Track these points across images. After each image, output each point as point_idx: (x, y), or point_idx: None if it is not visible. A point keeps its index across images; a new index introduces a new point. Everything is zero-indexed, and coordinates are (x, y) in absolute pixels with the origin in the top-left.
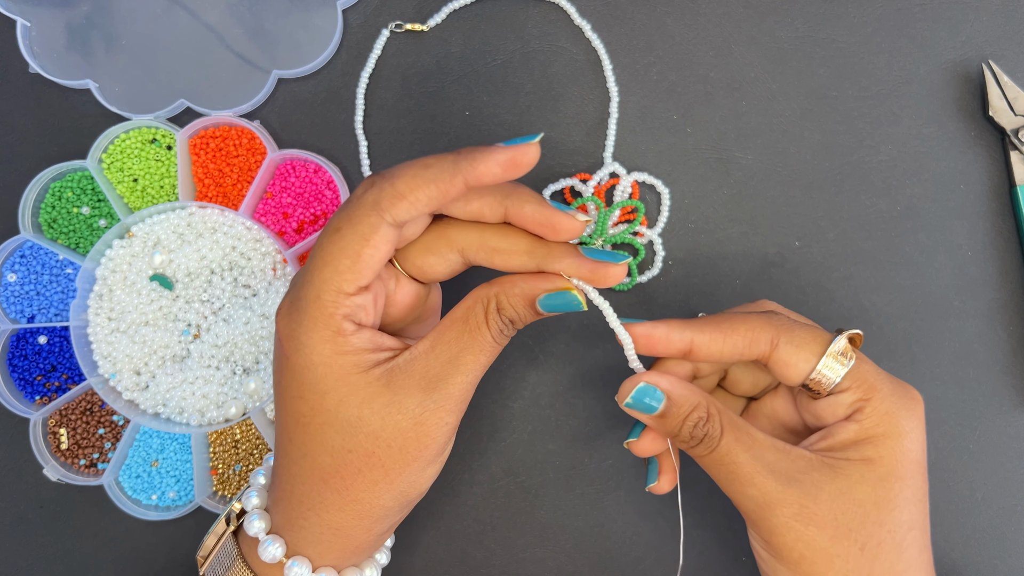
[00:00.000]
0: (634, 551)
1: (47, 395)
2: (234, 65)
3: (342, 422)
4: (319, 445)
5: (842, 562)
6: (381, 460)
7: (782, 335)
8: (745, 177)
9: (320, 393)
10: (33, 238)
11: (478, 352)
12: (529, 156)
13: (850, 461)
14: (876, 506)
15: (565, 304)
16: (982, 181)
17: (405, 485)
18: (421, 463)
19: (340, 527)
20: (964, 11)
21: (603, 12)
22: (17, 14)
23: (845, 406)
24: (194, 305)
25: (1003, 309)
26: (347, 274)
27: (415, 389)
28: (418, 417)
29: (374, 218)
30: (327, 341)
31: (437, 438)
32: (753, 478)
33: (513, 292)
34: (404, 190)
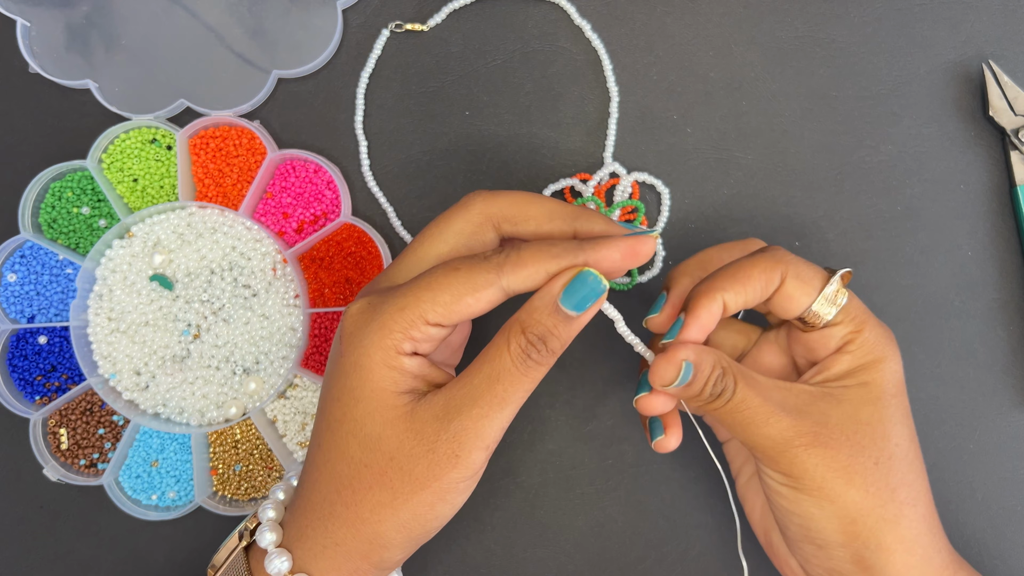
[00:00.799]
0: (634, 551)
1: (47, 395)
2: (234, 65)
3: (365, 435)
4: (340, 453)
5: (860, 478)
6: (391, 482)
7: (790, 269)
8: (745, 177)
9: (354, 399)
10: (33, 238)
11: (497, 383)
12: (648, 248)
13: (848, 388)
14: (881, 424)
15: (588, 289)
16: (982, 181)
17: (409, 516)
18: (428, 495)
19: (342, 543)
20: (964, 11)
21: (603, 12)
22: (17, 14)
23: (837, 338)
24: (194, 305)
25: (1003, 309)
26: (440, 308)
27: (434, 419)
28: (430, 445)
29: (492, 276)
30: (383, 349)
31: (447, 470)
32: (768, 418)
33: (532, 305)
34: (528, 261)
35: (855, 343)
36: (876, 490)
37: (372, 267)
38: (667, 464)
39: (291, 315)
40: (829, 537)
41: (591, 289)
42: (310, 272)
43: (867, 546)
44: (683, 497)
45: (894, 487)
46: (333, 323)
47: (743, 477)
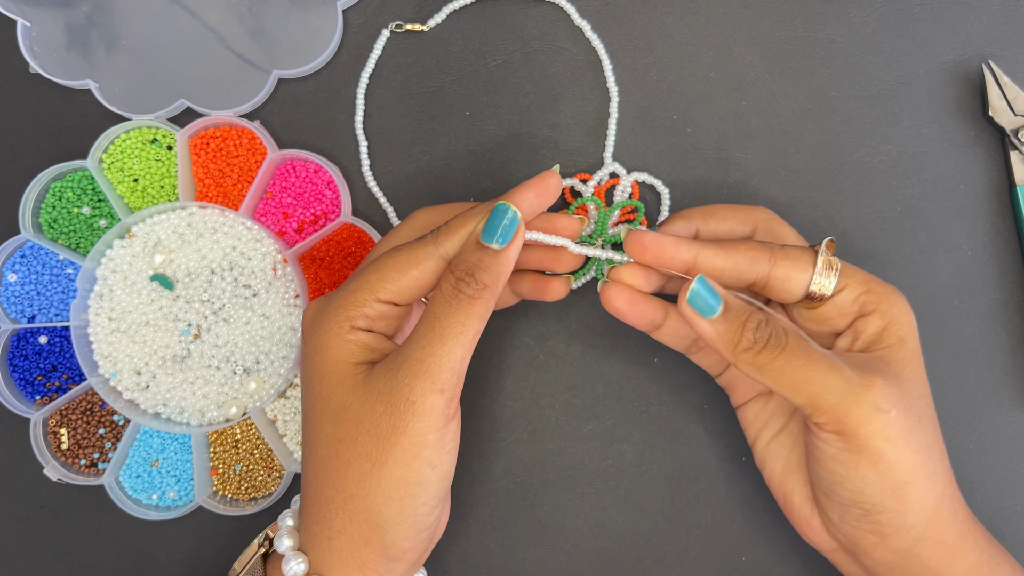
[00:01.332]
0: (634, 551)
1: (47, 395)
2: (234, 65)
3: (333, 409)
4: (318, 436)
5: (913, 438)
6: (364, 448)
7: (778, 253)
8: (745, 177)
9: (319, 377)
10: (34, 238)
11: (438, 319)
12: (553, 180)
13: (890, 347)
14: (919, 381)
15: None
16: (982, 181)
17: (391, 483)
18: (400, 453)
19: (342, 530)
20: (964, 11)
21: (603, 12)
22: (17, 14)
23: (851, 301)
24: (194, 305)
25: (1003, 309)
26: (388, 284)
27: (386, 373)
28: (388, 398)
29: (431, 248)
30: (337, 325)
31: (408, 419)
32: (832, 364)
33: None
34: (456, 226)
35: (873, 301)
36: (921, 449)
37: None
38: (667, 464)
39: (291, 315)
40: (881, 502)
41: (509, 220)
42: (310, 272)
43: (911, 508)
44: (683, 497)
45: (931, 444)
46: None
47: (762, 441)
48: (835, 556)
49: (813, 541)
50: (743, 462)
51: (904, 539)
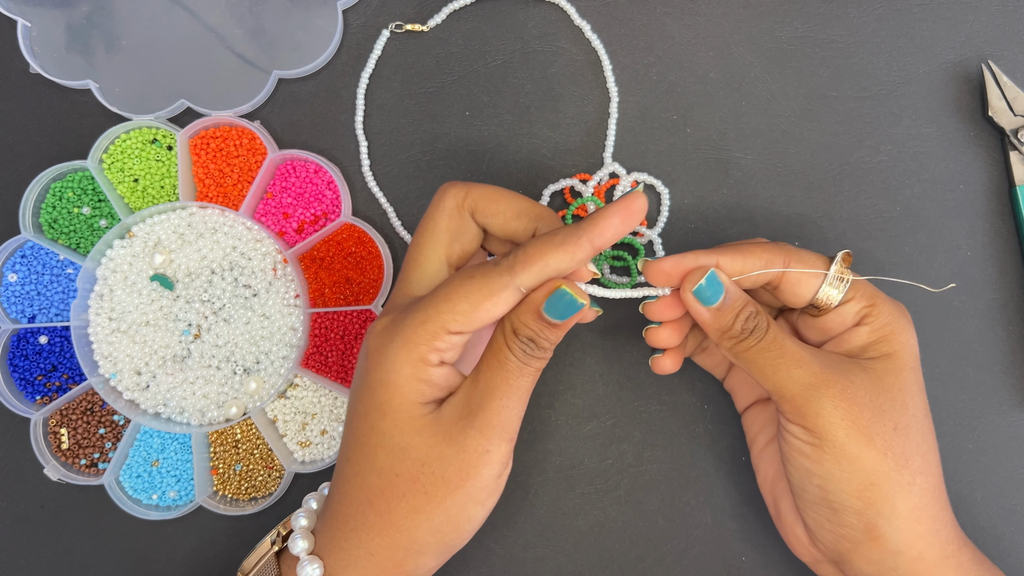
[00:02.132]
0: (634, 551)
1: (48, 395)
2: (234, 65)
3: (393, 446)
4: (370, 466)
5: (881, 440)
6: (424, 487)
7: (792, 257)
8: (745, 177)
9: (381, 413)
10: (34, 238)
11: (508, 376)
12: (639, 202)
13: (871, 359)
14: (901, 392)
15: (564, 304)
16: (981, 181)
17: (443, 519)
18: (462, 496)
19: (376, 552)
20: (964, 11)
21: (603, 12)
22: (17, 14)
23: (853, 314)
24: (194, 305)
25: (1003, 309)
26: (460, 316)
27: (459, 419)
28: (460, 444)
29: (506, 278)
30: (410, 363)
31: (479, 467)
32: (800, 360)
33: (520, 310)
34: (535, 256)
35: (872, 316)
36: (893, 455)
37: (372, 267)
38: (667, 464)
39: (291, 315)
40: (846, 501)
41: (567, 304)
42: (310, 272)
43: (880, 513)
44: (683, 497)
45: (909, 455)
46: (333, 323)
47: (757, 446)
48: (821, 569)
49: (799, 552)
50: (743, 462)
51: (879, 550)
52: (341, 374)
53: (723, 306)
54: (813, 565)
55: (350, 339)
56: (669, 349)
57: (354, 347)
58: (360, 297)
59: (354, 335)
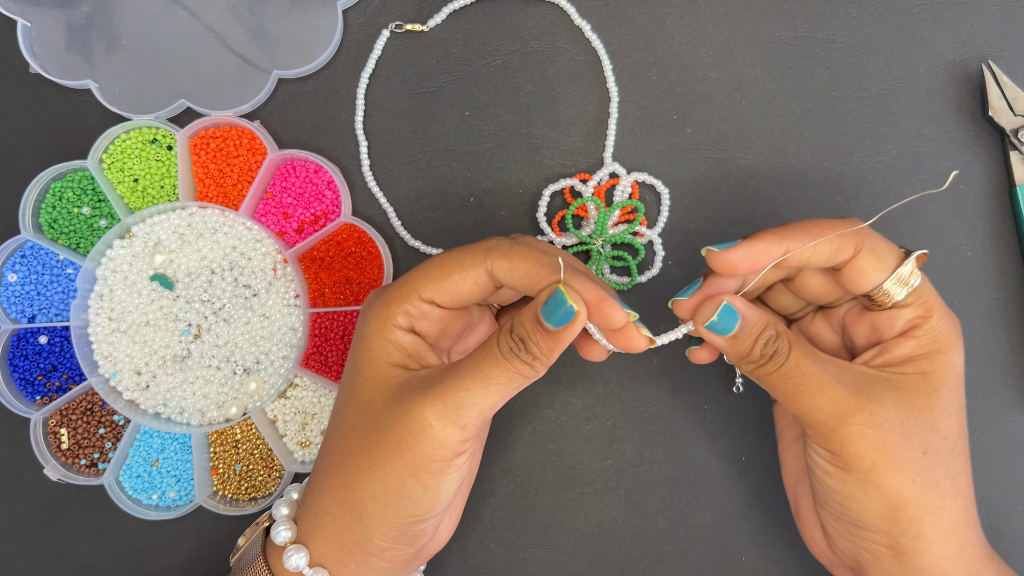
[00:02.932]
0: (634, 551)
1: (48, 395)
2: (234, 65)
3: (360, 401)
4: (339, 421)
5: (909, 465)
6: (371, 446)
7: (866, 242)
8: (745, 177)
9: (356, 368)
10: (34, 238)
11: (484, 363)
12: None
13: (907, 375)
14: (932, 414)
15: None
16: (982, 181)
17: (382, 488)
18: (400, 466)
19: (329, 510)
20: (964, 11)
21: (603, 12)
22: (17, 14)
23: (904, 320)
24: (194, 305)
25: (1003, 309)
26: (431, 283)
27: (416, 387)
28: (406, 408)
29: (478, 257)
30: (380, 320)
31: (418, 439)
32: (823, 387)
33: (521, 311)
34: (515, 255)
35: (922, 329)
36: (923, 480)
37: (372, 267)
38: (667, 464)
39: (291, 315)
40: (869, 521)
41: (564, 311)
42: (310, 272)
43: (905, 534)
44: (683, 497)
45: (939, 478)
46: (333, 323)
47: (785, 440)
48: (838, 572)
49: (816, 554)
50: (743, 462)
51: (901, 567)
52: (341, 374)
53: (739, 334)
54: (830, 567)
55: (350, 339)
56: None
57: None
58: (360, 297)
59: None
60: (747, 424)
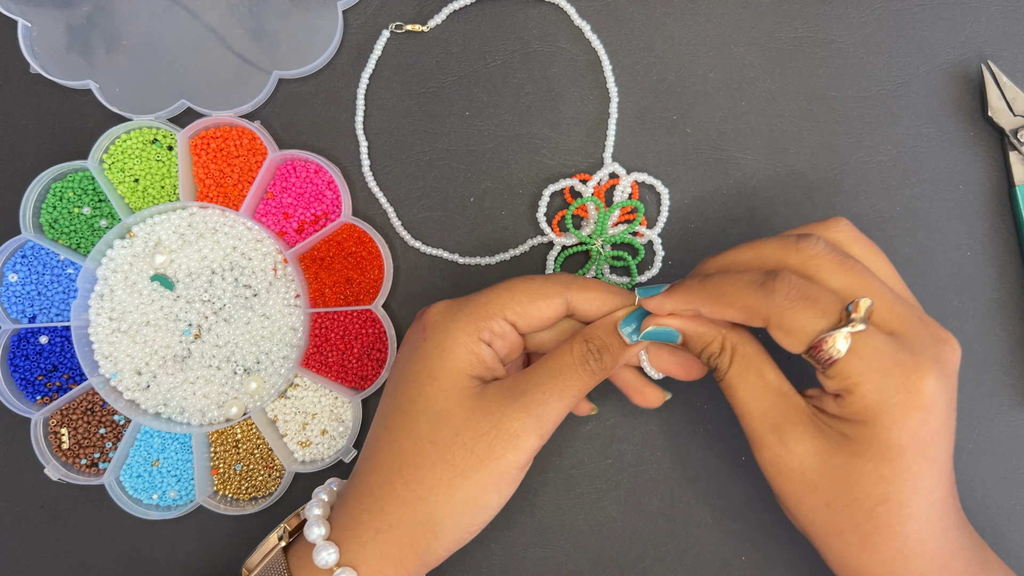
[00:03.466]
0: (634, 551)
1: (48, 395)
2: (235, 65)
3: (435, 412)
4: (409, 431)
5: (808, 510)
6: (454, 458)
7: (772, 318)
8: (745, 177)
9: (431, 378)
10: (34, 238)
11: (561, 374)
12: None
13: (831, 430)
14: (846, 475)
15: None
16: (981, 181)
17: (463, 499)
18: (485, 476)
19: (395, 525)
20: (964, 11)
21: (603, 13)
22: (18, 14)
23: (831, 389)
24: (195, 305)
25: (1003, 309)
26: (516, 307)
27: (500, 398)
28: (496, 421)
29: (562, 288)
30: (466, 333)
31: (507, 449)
32: (743, 416)
33: (595, 324)
34: (591, 287)
35: (845, 400)
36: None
37: (372, 267)
38: (667, 464)
39: (292, 315)
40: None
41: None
42: (311, 272)
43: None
44: (683, 497)
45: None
46: (334, 323)
47: None
48: None
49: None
50: (743, 462)
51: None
52: (341, 374)
53: (686, 343)
54: None
55: (350, 339)
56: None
57: (354, 347)
58: (360, 297)
59: (354, 335)
60: None
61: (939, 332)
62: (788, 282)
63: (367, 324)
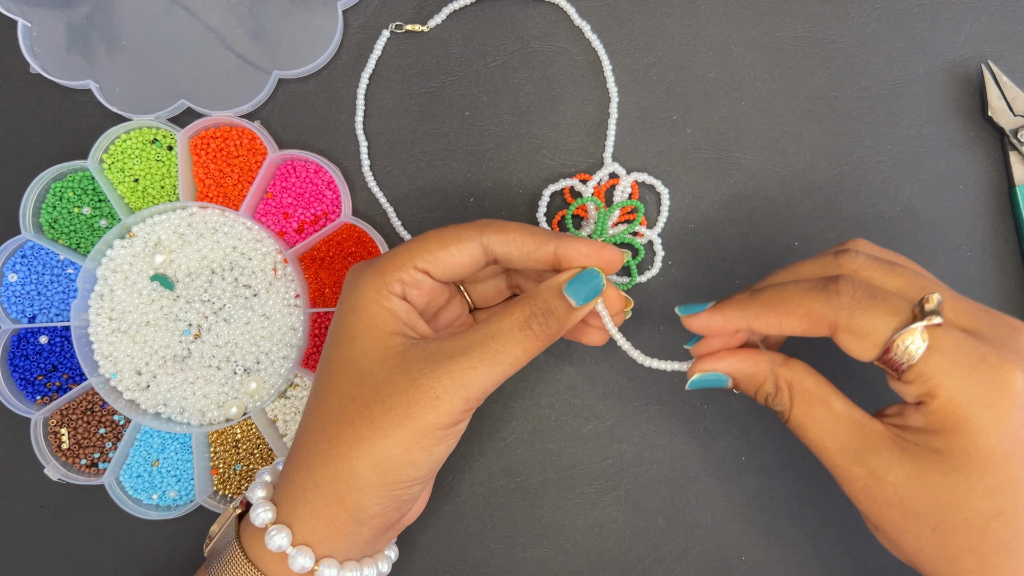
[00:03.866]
0: (634, 551)
1: (48, 395)
2: (235, 66)
3: (357, 371)
4: (333, 391)
5: (913, 539)
6: (373, 415)
7: (840, 321)
8: (745, 177)
9: (351, 338)
10: (34, 238)
11: (495, 339)
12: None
13: (920, 447)
14: (949, 494)
15: (590, 285)
16: (981, 181)
17: (384, 456)
18: (405, 434)
19: (320, 483)
20: (963, 11)
21: (603, 13)
22: (18, 14)
23: (911, 396)
24: (195, 305)
25: (1003, 309)
26: (425, 254)
27: (422, 359)
28: (414, 380)
29: (474, 231)
30: (374, 288)
31: (425, 409)
32: (822, 453)
33: (540, 287)
34: (509, 228)
35: (929, 406)
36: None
37: None
38: (667, 464)
39: (292, 315)
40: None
41: (593, 286)
42: (311, 272)
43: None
44: (683, 497)
45: (955, 555)
46: None
47: None
48: None
49: None
50: (743, 462)
51: None
52: None
53: (738, 386)
54: None
55: None
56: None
57: None
58: None
59: None
60: (747, 424)
61: (1012, 322)
62: (852, 283)
63: None
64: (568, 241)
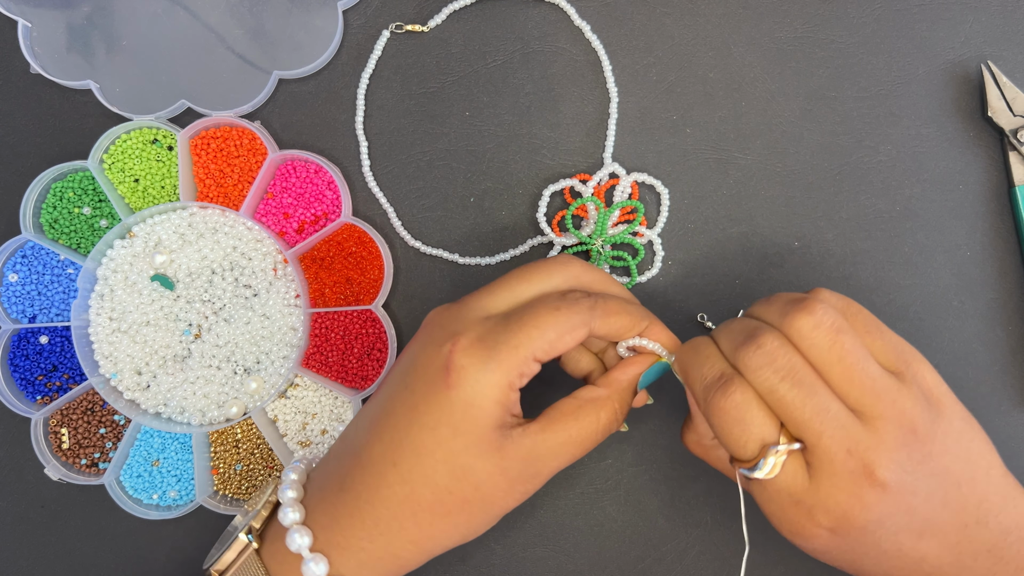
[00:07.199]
0: (634, 551)
1: (48, 395)
2: (235, 66)
3: (456, 465)
4: (425, 480)
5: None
6: (471, 508)
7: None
8: (744, 177)
9: (455, 432)
10: (34, 238)
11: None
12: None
13: None
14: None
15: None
16: (981, 181)
17: (470, 532)
18: (493, 519)
19: (399, 555)
20: (963, 11)
21: (603, 13)
22: (18, 15)
23: None
24: (195, 305)
25: (1002, 309)
26: (546, 345)
27: (520, 460)
28: (512, 484)
29: (585, 316)
30: (500, 388)
31: (516, 503)
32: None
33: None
34: (612, 311)
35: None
36: None
37: (372, 267)
38: (667, 464)
39: (292, 315)
40: None
41: (655, 372)
42: (311, 272)
43: None
44: (683, 497)
45: None
46: (334, 323)
47: None
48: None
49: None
50: None
51: None
52: (341, 374)
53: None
54: None
55: (350, 339)
56: None
57: (354, 347)
58: (360, 297)
59: (354, 335)
60: None
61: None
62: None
63: (367, 324)
64: (656, 327)
